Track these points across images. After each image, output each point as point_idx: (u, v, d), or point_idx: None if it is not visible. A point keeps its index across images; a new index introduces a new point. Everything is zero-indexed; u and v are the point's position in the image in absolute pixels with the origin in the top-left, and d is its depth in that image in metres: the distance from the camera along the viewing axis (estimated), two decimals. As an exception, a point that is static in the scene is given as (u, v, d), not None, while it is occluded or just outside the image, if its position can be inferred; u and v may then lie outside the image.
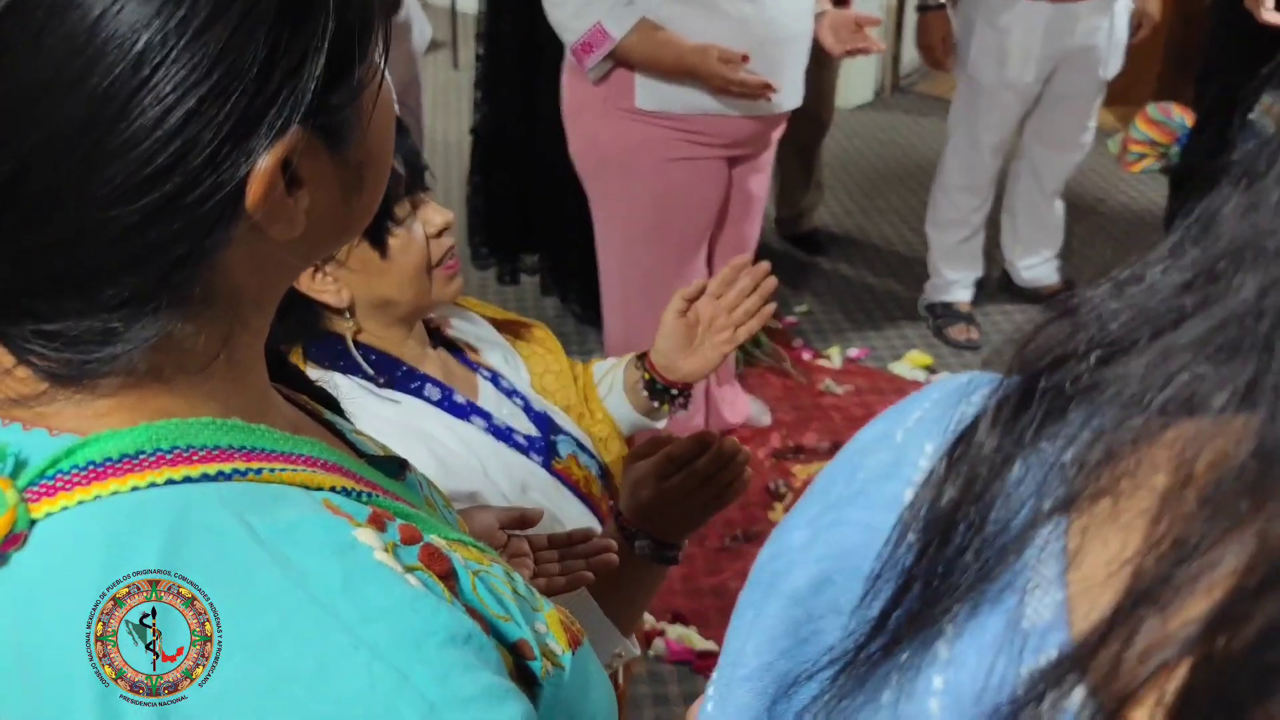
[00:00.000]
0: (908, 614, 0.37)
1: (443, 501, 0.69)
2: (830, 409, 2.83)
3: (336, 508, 0.48)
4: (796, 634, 0.42)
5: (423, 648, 0.44)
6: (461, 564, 0.51)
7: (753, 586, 0.46)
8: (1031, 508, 0.35)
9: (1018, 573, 0.35)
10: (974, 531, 0.36)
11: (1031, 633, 0.34)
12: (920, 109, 4.92)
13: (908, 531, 0.38)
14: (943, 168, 3.06)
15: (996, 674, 0.34)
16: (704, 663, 2.11)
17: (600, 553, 1.03)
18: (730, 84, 1.94)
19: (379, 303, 1.06)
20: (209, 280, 0.48)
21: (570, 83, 2.15)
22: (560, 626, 0.56)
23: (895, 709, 0.37)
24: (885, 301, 3.35)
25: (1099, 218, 3.89)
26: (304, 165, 0.47)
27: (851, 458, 0.45)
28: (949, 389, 0.43)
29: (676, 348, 1.21)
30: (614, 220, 2.22)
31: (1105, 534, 0.33)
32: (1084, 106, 2.93)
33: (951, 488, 0.37)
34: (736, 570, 2.31)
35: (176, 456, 0.46)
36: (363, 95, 0.49)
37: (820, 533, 0.43)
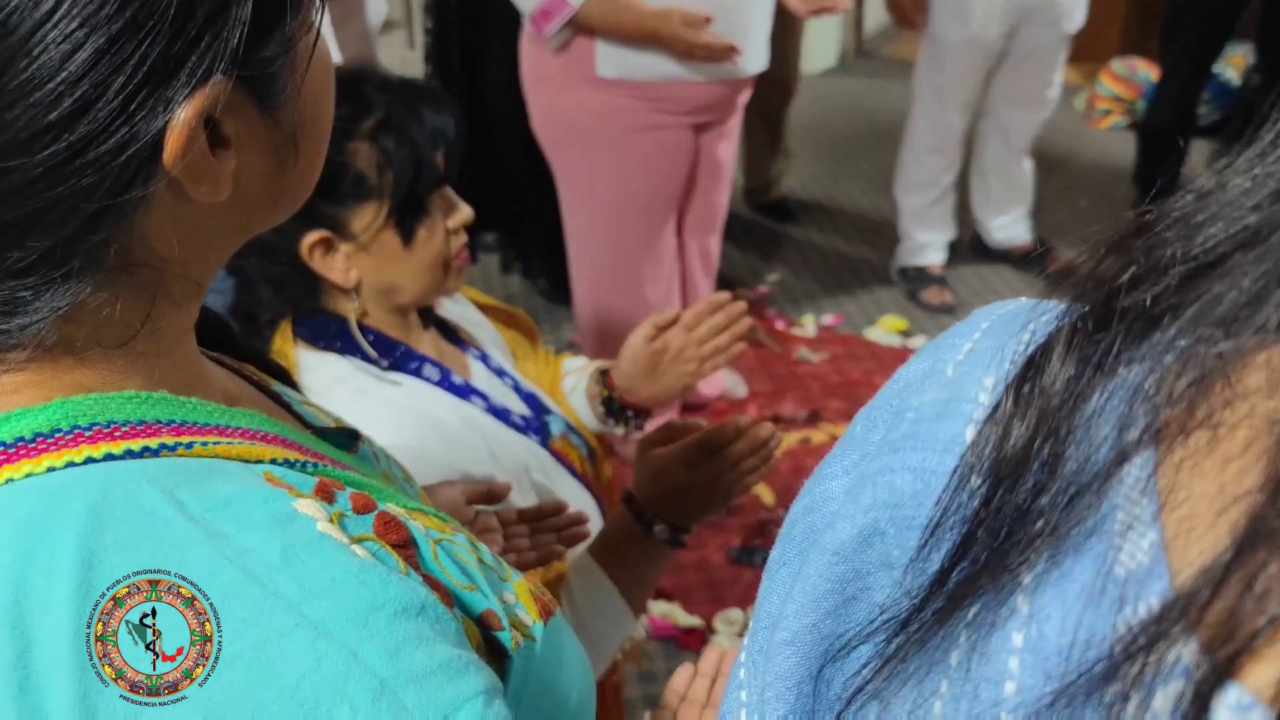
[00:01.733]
0: (975, 566, 0.34)
1: (402, 474, 0.67)
2: (806, 378, 2.80)
3: (278, 480, 0.46)
4: (843, 592, 0.39)
5: (371, 622, 0.42)
6: (421, 532, 0.49)
7: (786, 542, 0.42)
8: (1115, 441, 0.31)
9: (1104, 515, 0.31)
10: (1050, 471, 0.32)
11: (1127, 580, 0.31)
12: (885, 72, 4.90)
13: (971, 474, 0.35)
14: (910, 130, 3.03)
15: (1086, 627, 0.31)
16: (689, 638, 2.10)
17: (571, 526, 1.02)
18: (694, 47, 1.90)
19: (385, 288, 1.04)
20: (126, 246, 0.44)
21: (529, 53, 2.10)
22: (530, 597, 0.53)
23: (967, 669, 0.34)
24: (857, 267, 3.33)
25: (1068, 175, 3.88)
26: (231, 123, 0.44)
27: (892, 399, 0.41)
28: (1000, 316, 0.40)
29: (641, 372, 1.20)
30: (580, 193, 2.18)
31: (1204, 468, 0.30)
32: (1048, 62, 2.91)
33: (1021, 423, 0.33)
34: (718, 544, 2.29)
35: (97, 433, 0.43)
36: (295, 51, 0.46)
37: (865, 480, 0.39)
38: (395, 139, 0.97)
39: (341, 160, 0.96)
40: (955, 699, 0.34)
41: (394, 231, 1.00)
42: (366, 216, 0.98)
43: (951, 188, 3.06)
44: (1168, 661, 0.28)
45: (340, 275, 1.00)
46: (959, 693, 0.34)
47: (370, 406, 1.00)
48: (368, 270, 1.01)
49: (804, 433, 2.60)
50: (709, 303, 1.21)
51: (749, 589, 2.18)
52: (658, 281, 2.25)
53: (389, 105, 0.98)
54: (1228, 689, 0.27)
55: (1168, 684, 0.28)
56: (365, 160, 0.97)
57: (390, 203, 0.98)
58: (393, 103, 0.98)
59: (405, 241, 1.01)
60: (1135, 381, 0.32)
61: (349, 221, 0.98)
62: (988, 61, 2.85)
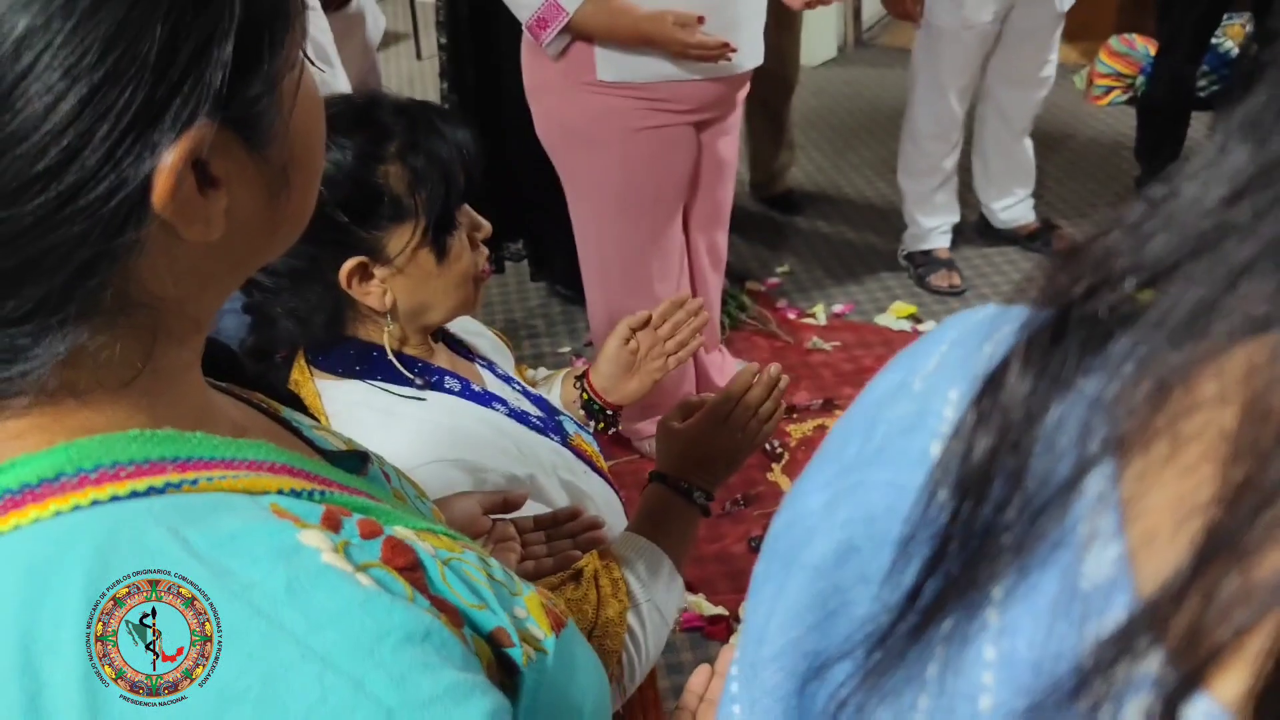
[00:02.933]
0: (947, 580, 0.34)
1: (415, 492, 0.68)
2: (819, 366, 2.83)
3: (284, 511, 0.46)
4: (824, 607, 0.39)
5: (377, 651, 0.42)
6: (430, 554, 0.49)
7: (769, 558, 0.43)
8: (1076, 454, 0.32)
9: (1068, 527, 0.32)
10: (1013, 485, 0.32)
11: (1092, 593, 0.31)
12: (884, 61, 4.91)
13: (938, 489, 0.35)
14: (910, 117, 3.05)
15: (1056, 641, 0.31)
16: (714, 628, 2.13)
17: (587, 530, 1.03)
18: (688, 47, 1.94)
19: (419, 309, 1.05)
20: (123, 289, 0.44)
21: (529, 61, 2.14)
22: (541, 610, 0.54)
23: (941, 683, 0.34)
24: (865, 255, 3.35)
25: (1070, 154, 3.89)
26: (219, 163, 0.44)
27: (866, 411, 0.41)
28: (966, 327, 0.40)
29: (619, 372, 1.28)
30: (586, 195, 2.22)
31: (1164, 478, 0.30)
32: (1044, 41, 2.92)
33: (984, 438, 0.34)
34: (739, 535, 2.33)
35: (101, 475, 0.44)
36: (279, 89, 0.46)
37: (840, 496, 0.39)
38: (424, 158, 0.99)
39: (375, 184, 0.97)
40: (933, 713, 0.34)
41: (429, 250, 1.01)
42: (403, 237, 1.00)
43: (954, 172, 3.08)
44: (1136, 674, 0.28)
45: (377, 300, 1.01)
46: (936, 707, 0.34)
47: (402, 427, 1.02)
48: (402, 292, 1.02)
49: (819, 420, 2.63)
50: (671, 302, 1.31)
51: (771, 576, 2.21)
52: (667, 278, 2.29)
53: (409, 126, 1.00)
54: (1197, 700, 0.28)
55: (1137, 696, 0.28)
56: (397, 182, 0.98)
57: (424, 220, 1.00)
58: (411, 124, 1.00)
59: (439, 258, 1.02)
60: (1093, 393, 0.32)
61: (386, 245, 1.00)
62: (983, 45, 2.87)
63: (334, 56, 2.05)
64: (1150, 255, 0.31)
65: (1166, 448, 0.30)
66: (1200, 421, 0.29)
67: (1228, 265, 0.29)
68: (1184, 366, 0.29)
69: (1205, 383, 0.29)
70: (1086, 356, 0.32)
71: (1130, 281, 0.31)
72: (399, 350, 1.06)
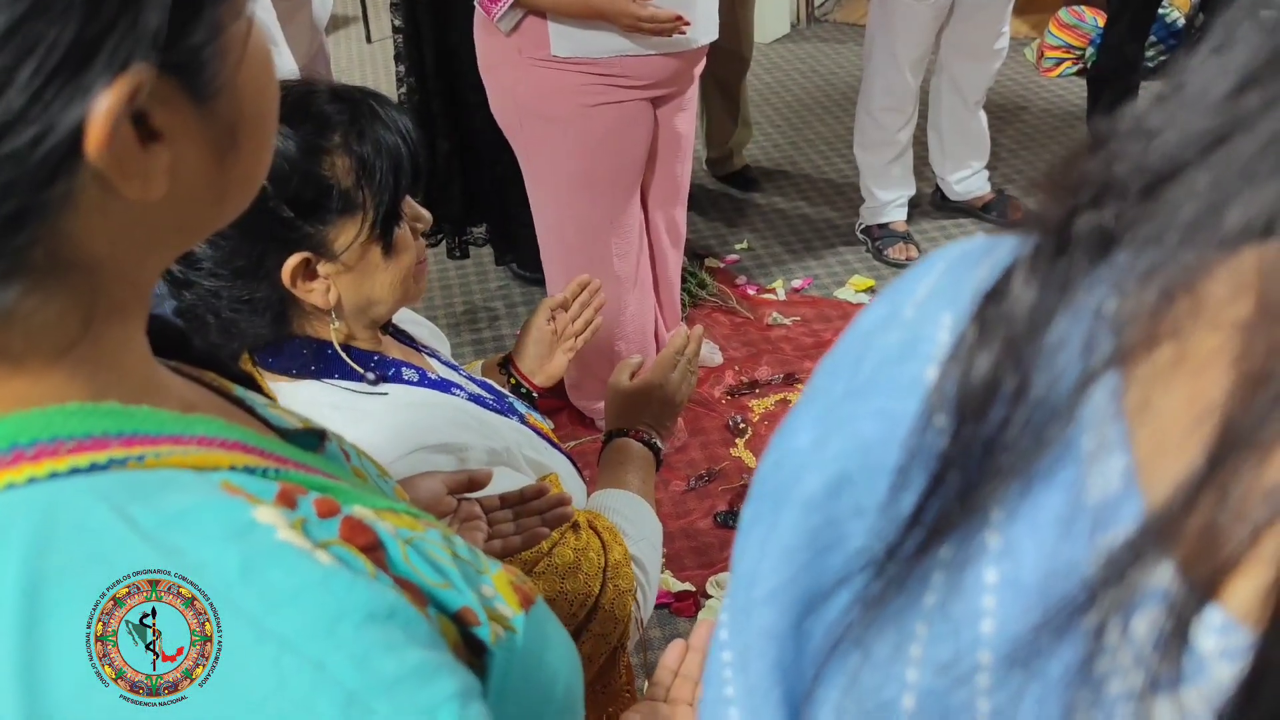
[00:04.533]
0: (945, 505, 0.33)
1: (376, 471, 0.65)
2: (780, 341, 2.84)
3: (237, 488, 0.43)
4: (816, 543, 0.38)
5: (337, 631, 0.40)
6: (391, 534, 0.47)
7: (757, 499, 0.42)
8: (1080, 366, 0.31)
9: (1072, 441, 0.31)
10: (1015, 401, 0.31)
11: (1099, 507, 0.30)
12: (837, 36, 4.93)
13: (935, 413, 0.34)
14: (865, 90, 3.06)
15: (1062, 557, 0.30)
16: (681, 604, 2.13)
17: (555, 508, 1.03)
18: (640, 20, 1.92)
19: (364, 305, 1.02)
20: (54, 247, 0.41)
21: (483, 38, 2.11)
22: (510, 587, 0.52)
23: (943, 610, 0.33)
24: (823, 230, 3.37)
25: (1022, 125, 3.92)
26: (161, 115, 0.41)
27: (853, 346, 0.40)
28: (957, 255, 0.39)
29: (544, 353, 1.33)
30: (543, 173, 2.20)
31: (1171, 384, 0.29)
32: (996, 13, 2.94)
33: (985, 355, 0.32)
34: (704, 510, 2.33)
35: (39, 450, 0.41)
36: (226, 38, 0.43)
37: (830, 430, 0.38)
38: (370, 147, 0.95)
39: (321, 176, 0.94)
40: (934, 640, 0.34)
41: (376, 244, 0.98)
42: (350, 232, 0.96)
43: (909, 145, 3.10)
44: (1145, 586, 0.28)
45: (320, 298, 0.97)
46: (937, 634, 0.33)
47: (373, 423, 1.00)
48: (347, 288, 0.99)
49: (781, 394, 2.64)
50: (578, 282, 1.38)
51: (738, 551, 2.22)
52: (626, 255, 2.28)
53: (350, 114, 0.96)
54: (1208, 611, 0.27)
55: (1146, 610, 0.28)
56: (344, 173, 0.95)
57: (373, 213, 0.96)
58: (353, 111, 0.96)
59: (386, 251, 0.99)
60: (1098, 302, 0.31)
61: (332, 240, 0.96)
62: (937, 17, 2.89)
63: (278, 36, 2.00)
64: (1155, 156, 0.30)
65: (1173, 352, 0.29)
66: (1208, 323, 0.28)
67: (1237, 164, 0.27)
68: (1191, 271, 0.28)
69: (1213, 285, 0.28)
70: (1092, 265, 0.31)
71: (1135, 185, 0.30)
72: (350, 345, 1.03)
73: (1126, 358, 0.30)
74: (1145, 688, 0.28)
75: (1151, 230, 0.29)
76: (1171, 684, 0.27)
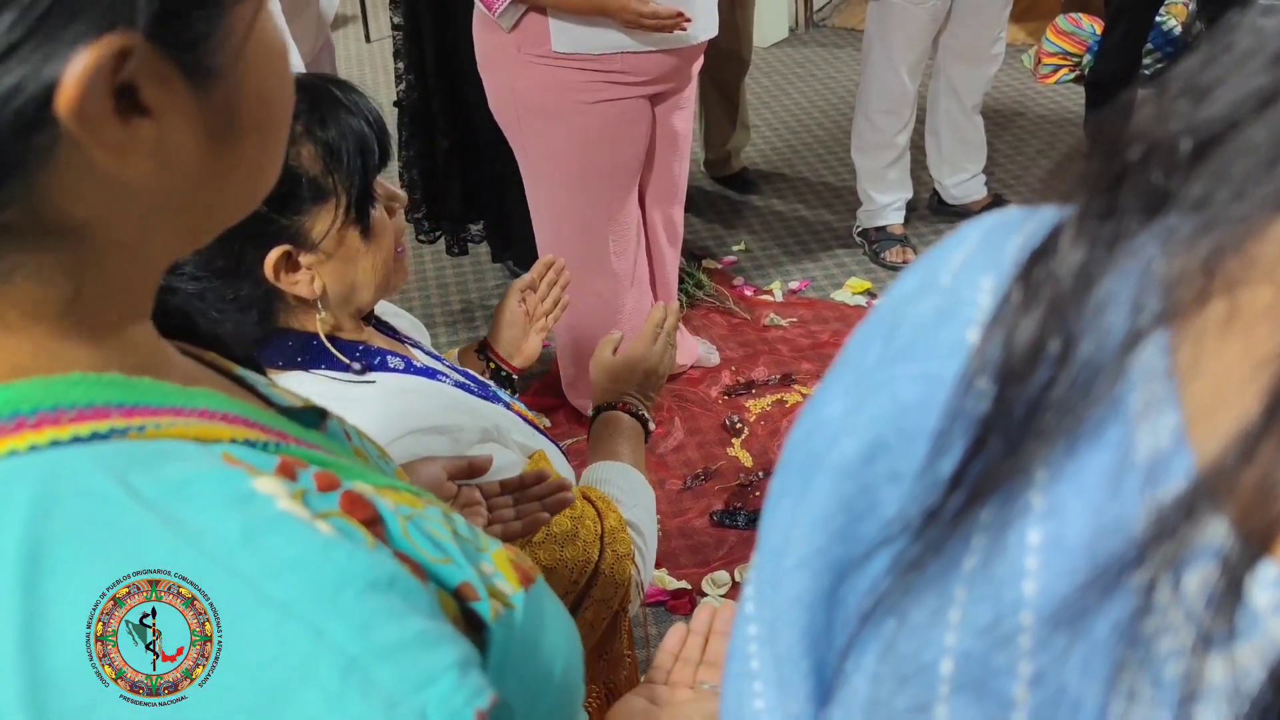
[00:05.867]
0: (986, 468, 0.32)
1: (377, 452, 0.65)
2: (777, 342, 2.84)
3: (237, 459, 0.43)
4: (850, 510, 0.37)
5: (339, 598, 0.40)
6: (390, 509, 0.47)
7: (785, 472, 0.41)
8: (1128, 324, 0.30)
9: (1120, 399, 0.30)
10: (1061, 361, 0.31)
11: (1149, 465, 0.29)
12: (835, 41, 4.94)
13: (977, 377, 0.33)
14: (862, 93, 3.07)
15: (1110, 516, 0.30)
16: (677, 601, 2.13)
17: (554, 493, 1.03)
18: (642, 16, 1.93)
19: (348, 291, 1.02)
20: (36, 208, 0.40)
21: (482, 34, 2.12)
22: (510, 565, 0.52)
23: (984, 572, 0.33)
24: (820, 232, 3.37)
25: (1019, 130, 3.94)
26: (152, 91, 0.40)
27: (886, 316, 0.39)
28: (992, 223, 0.38)
29: (519, 335, 1.35)
30: (541, 170, 2.20)
31: (1222, 341, 0.29)
32: (994, 17, 2.96)
33: (1030, 316, 0.32)
34: (700, 509, 2.33)
35: (41, 419, 0.41)
36: (228, 18, 0.42)
37: (865, 397, 0.37)
38: (335, 132, 0.96)
39: (289, 167, 0.94)
40: (974, 603, 0.33)
41: (354, 228, 0.98)
42: (326, 219, 0.96)
43: (906, 148, 3.11)
44: (1197, 542, 0.27)
45: (305, 289, 0.98)
46: (977, 596, 0.33)
47: (364, 410, 0.98)
48: (331, 276, 0.99)
49: (777, 395, 2.64)
50: (543, 263, 1.40)
51: (733, 551, 2.23)
52: (623, 253, 2.28)
53: (309, 102, 0.96)
54: (1262, 566, 0.27)
55: (1197, 567, 0.27)
56: (311, 161, 0.95)
57: (346, 197, 0.97)
58: (311, 99, 0.96)
59: (365, 235, 0.99)
60: (1147, 261, 0.30)
61: (309, 230, 0.96)
62: (934, 20, 2.90)
63: (285, 31, 2.00)
64: (1207, 115, 0.29)
65: (1225, 309, 0.29)
66: (1261, 279, 0.28)
67: None
68: (1243, 229, 0.28)
69: (1265, 244, 0.28)
70: (1142, 224, 0.31)
71: (1186, 144, 0.30)
72: (336, 336, 1.04)
73: (1176, 315, 0.30)
74: (1197, 644, 0.27)
75: (1203, 189, 0.29)
76: (1224, 640, 0.27)
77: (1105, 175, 0.32)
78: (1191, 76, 0.31)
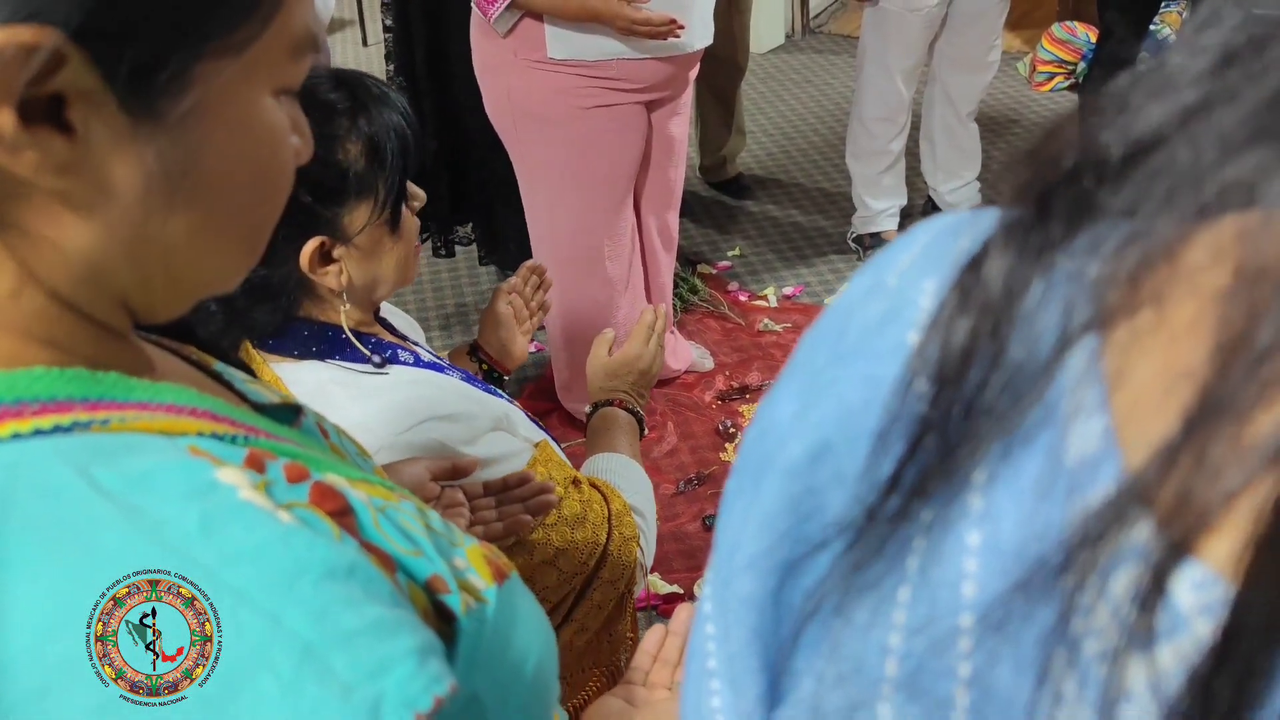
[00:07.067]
0: (925, 469, 0.33)
1: (355, 450, 0.65)
2: (770, 347, 2.85)
3: (203, 451, 0.43)
4: (796, 511, 0.37)
5: (296, 586, 0.40)
6: (363, 501, 0.47)
7: (740, 473, 0.42)
8: (1058, 329, 0.31)
9: (1051, 405, 0.31)
10: (994, 365, 0.32)
11: (1078, 468, 0.30)
12: (831, 48, 4.96)
13: (916, 378, 0.34)
14: (858, 100, 3.08)
15: (1040, 519, 0.30)
16: (669, 606, 2.13)
17: (538, 495, 1.04)
18: (635, 23, 1.93)
19: (370, 284, 1.04)
20: None
21: (479, 40, 2.12)
22: (483, 560, 0.52)
23: (924, 574, 0.33)
24: (815, 238, 3.38)
25: (1014, 138, 3.95)
26: (80, 110, 0.40)
27: (836, 319, 0.39)
28: (939, 227, 0.39)
29: (510, 335, 1.37)
30: (537, 175, 2.21)
31: (1150, 348, 0.29)
32: (989, 24, 2.96)
33: (964, 320, 0.33)
34: (693, 513, 2.34)
35: (3, 412, 0.41)
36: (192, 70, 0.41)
37: (813, 399, 0.38)
38: (379, 128, 0.98)
39: (338, 163, 0.96)
40: (914, 604, 0.33)
41: (385, 224, 1.00)
42: (363, 214, 0.98)
43: (901, 154, 3.12)
44: (1123, 545, 0.28)
45: (335, 280, 1.00)
46: (918, 598, 0.33)
47: (378, 400, 1.02)
48: (356, 270, 1.01)
49: (771, 400, 2.65)
50: (527, 267, 1.44)
51: (726, 555, 2.23)
52: (618, 258, 2.29)
53: (352, 99, 0.98)
54: (1186, 566, 0.27)
55: (1124, 568, 0.28)
56: (357, 157, 0.97)
57: (385, 194, 0.99)
58: (354, 96, 0.98)
59: (394, 230, 1.01)
60: (1077, 268, 0.31)
61: (346, 222, 0.98)
62: (929, 28, 2.91)
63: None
64: (1137, 128, 0.30)
65: (1152, 317, 0.29)
66: (1186, 289, 0.29)
67: (1217, 134, 0.28)
68: (1171, 238, 0.29)
69: (1191, 253, 0.29)
70: (1071, 233, 0.31)
71: (1116, 155, 0.30)
72: (354, 330, 1.05)
73: (1105, 322, 0.30)
74: (1121, 645, 0.28)
75: (1131, 198, 0.30)
76: (1147, 641, 0.27)
77: (1036, 183, 0.33)
78: (1125, 91, 0.31)
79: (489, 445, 1.08)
